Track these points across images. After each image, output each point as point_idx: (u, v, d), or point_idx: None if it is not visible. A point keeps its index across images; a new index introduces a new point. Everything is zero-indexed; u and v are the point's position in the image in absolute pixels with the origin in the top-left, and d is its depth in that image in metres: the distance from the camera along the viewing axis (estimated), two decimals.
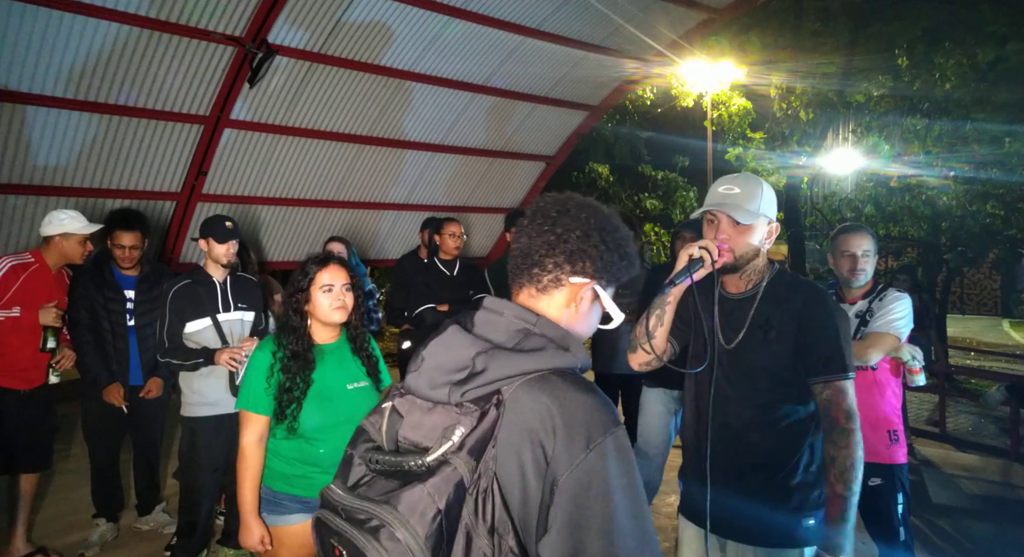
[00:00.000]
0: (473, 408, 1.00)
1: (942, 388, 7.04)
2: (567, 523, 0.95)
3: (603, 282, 1.15)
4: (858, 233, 2.80)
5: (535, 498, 0.97)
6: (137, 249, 3.62)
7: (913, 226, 9.73)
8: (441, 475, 0.95)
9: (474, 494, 0.97)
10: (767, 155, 11.45)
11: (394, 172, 7.33)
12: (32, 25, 4.48)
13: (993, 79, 9.09)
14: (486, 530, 0.96)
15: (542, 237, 1.12)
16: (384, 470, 1.02)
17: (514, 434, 0.98)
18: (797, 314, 1.80)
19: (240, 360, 3.09)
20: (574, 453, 0.96)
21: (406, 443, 1.05)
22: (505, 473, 0.97)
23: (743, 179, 1.86)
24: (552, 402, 0.99)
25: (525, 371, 1.02)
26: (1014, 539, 4.00)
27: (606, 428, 0.99)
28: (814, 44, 11.47)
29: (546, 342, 1.07)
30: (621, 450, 1.00)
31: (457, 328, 1.11)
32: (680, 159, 17.59)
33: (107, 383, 3.57)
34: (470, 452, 0.97)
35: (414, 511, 0.93)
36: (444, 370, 1.05)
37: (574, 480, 0.95)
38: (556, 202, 1.15)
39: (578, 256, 1.11)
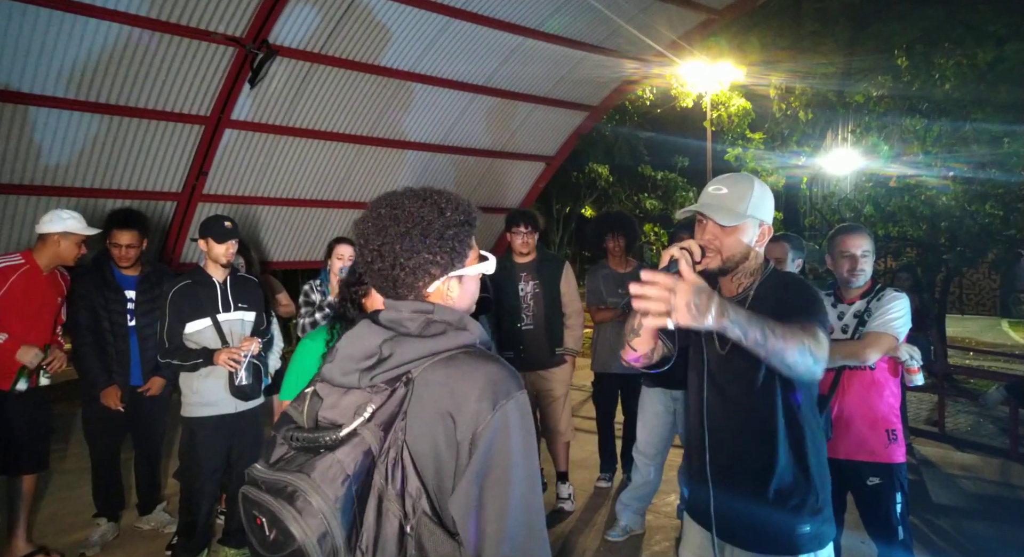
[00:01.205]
0: (384, 387, 1.11)
1: (941, 388, 7.05)
2: (471, 476, 1.05)
3: (456, 267, 1.22)
4: (857, 233, 2.80)
5: (448, 464, 1.07)
6: (134, 248, 3.61)
7: (912, 226, 9.74)
8: (350, 445, 1.06)
9: (384, 462, 1.07)
10: (766, 155, 11.46)
11: (394, 172, 7.33)
12: (32, 25, 4.49)
13: (992, 79, 9.08)
14: (395, 494, 1.06)
15: (381, 273, 1.19)
16: (303, 446, 1.11)
17: (424, 409, 1.08)
18: (774, 304, 1.76)
19: (239, 360, 3.09)
20: (481, 416, 1.06)
21: (325, 422, 1.13)
22: (417, 443, 1.08)
23: (734, 180, 1.83)
24: (459, 375, 1.10)
25: (431, 352, 1.12)
26: (1014, 539, 4.01)
27: (508, 392, 1.09)
28: (813, 44, 11.49)
29: (446, 326, 1.16)
30: (522, 411, 1.11)
31: (367, 321, 1.21)
32: (680, 159, 17.61)
33: (105, 386, 3.57)
34: (378, 425, 1.07)
35: (325, 477, 1.03)
36: (354, 359, 1.14)
37: (480, 439, 1.06)
38: (373, 234, 1.19)
39: (420, 273, 1.18)
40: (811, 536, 1.78)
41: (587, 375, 5.22)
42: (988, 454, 5.87)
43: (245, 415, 3.35)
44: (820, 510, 1.81)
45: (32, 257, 3.44)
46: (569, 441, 4.35)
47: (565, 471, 4.35)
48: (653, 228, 15.98)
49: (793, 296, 1.79)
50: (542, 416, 4.37)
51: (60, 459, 5.20)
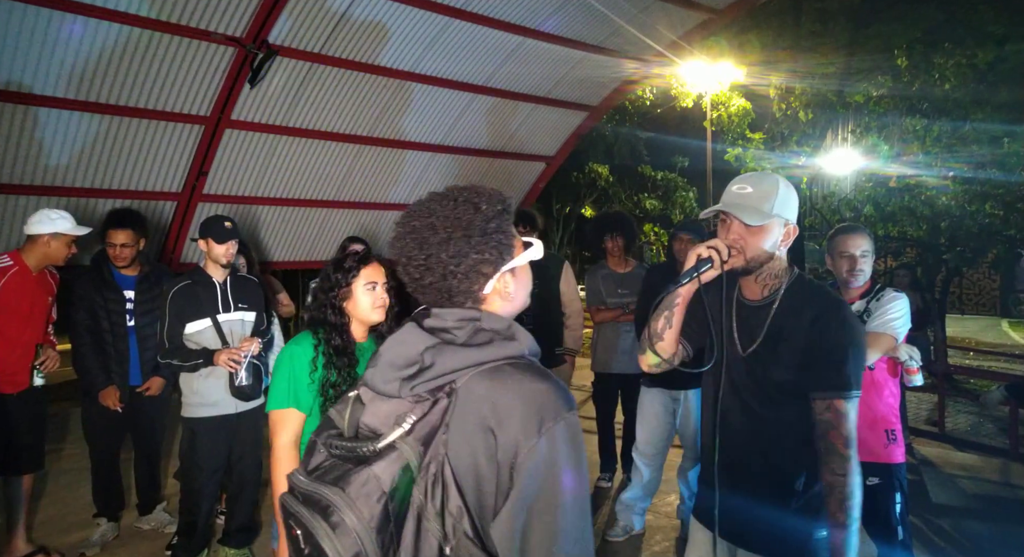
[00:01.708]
0: (426, 397, 1.04)
1: (941, 388, 7.05)
2: (515, 505, 0.98)
3: (507, 260, 1.15)
4: (856, 234, 2.80)
5: (489, 483, 1.00)
6: (129, 247, 3.60)
7: (912, 226, 9.74)
8: (387, 459, 0.99)
9: (424, 479, 1.00)
10: (766, 155, 11.46)
11: (394, 172, 7.34)
12: (33, 25, 4.49)
13: (992, 79, 9.08)
14: (435, 513, 0.99)
15: (434, 288, 1.12)
16: (341, 455, 1.06)
17: (467, 422, 1.01)
18: (807, 327, 1.72)
19: (239, 361, 3.09)
20: (526, 438, 0.99)
21: (365, 430, 1.09)
22: (458, 459, 1.01)
23: (758, 178, 1.78)
24: (503, 389, 1.02)
25: (475, 363, 1.05)
26: (1014, 539, 4.01)
27: (557, 413, 1.02)
28: (813, 45, 11.48)
29: (493, 335, 1.10)
30: (572, 435, 1.03)
31: (413, 325, 1.14)
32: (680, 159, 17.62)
33: (104, 386, 3.56)
34: (418, 438, 1.01)
35: (360, 493, 0.97)
36: (395, 366, 1.09)
37: (526, 463, 0.98)
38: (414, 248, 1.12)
39: (474, 276, 1.12)
40: (827, 542, 1.73)
41: (587, 375, 5.22)
42: (988, 454, 5.87)
43: (245, 416, 3.34)
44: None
45: (21, 258, 3.39)
46: None
47: None
48: (653, 228, 15.99)
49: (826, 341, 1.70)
50: None
51: (60, 459, 5.20)
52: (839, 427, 1.66)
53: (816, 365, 1.71)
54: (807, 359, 1.71)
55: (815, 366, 1.71)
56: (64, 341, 3.64)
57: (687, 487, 3.91)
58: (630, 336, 4.37)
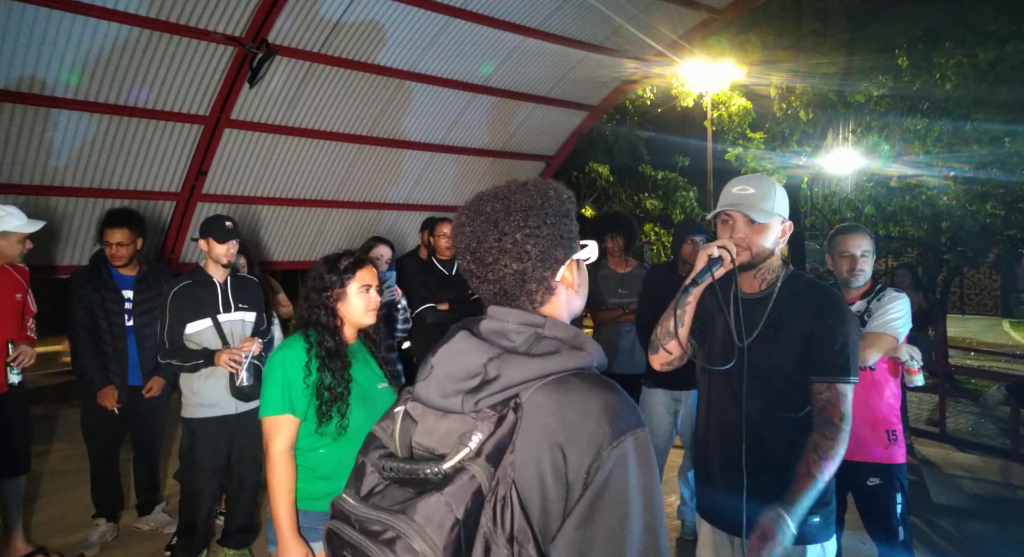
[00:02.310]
0: (490, 413, 0.97)
1: (942, 388, 7.04)
2: (578, 525, 0.92)
3: (574, 249, 1.12)
4: (856, 233, 2.79)
5: (556, 504, 0.94)
6: (125, 246, 3.57)
7: (913, 226, 9.74)
8: (458, 483, 0.92)
9: (492, 502, 0.93)
10: (767, 155, 11.45)
11: (394, 172, 7.33)
12: (32, 25, 4.49)
13: (993, 79, 9.06)
14: (505, 539, 0.92)
15: (506, 271, 1.07)
16: (399, 478, 0.99)
17: (533, 439, 0.95)
18: (810, 318, 1.83)
19: (240, 361, 3.08)
20: (594, 454, 0.93)
21: (420, 449, 1.01)
22: (524, 479, 0.94)
23: (756, 180, 1.88)
24: (572, 403, 0.96)
25: (542, 374, 0.98)
26: (1014, 539, 4.00)
27: (627, 428, 0.96)
28: (814, 44, 11.46)
29: (558, 344, 1.03)
30: (642, 451, 0.96)
31: (467, 334, 1.06)
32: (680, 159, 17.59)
33: (102, 386, 3.54)
34: (488, 458, 0.93)
35: (431, 521, 0.90)
36: (455, 378, 1.01)
37: (594, 481, 0.93)
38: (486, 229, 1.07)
39: (548, 260, 1.08)
40: (820, 526, 1.84)
41: None
42: (989, 454, 5.86)
43: (245, 416, 3.33)
44: (828, 502, 1.85)
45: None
46: None
47: None
48: (653, 228, 15.96)
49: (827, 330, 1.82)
50: None
51: (60, 459, 5.20)
52: (837, 405, 1.80)
53: (817, 352, 1.82)
54: (807, 346, 1.83)
55: (816, 353, 1.82)
56: (62, 341, 3.62)
57: (687, 487, 3.91)
58: (630, 336, 4.36)
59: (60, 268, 5.58)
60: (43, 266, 5.51)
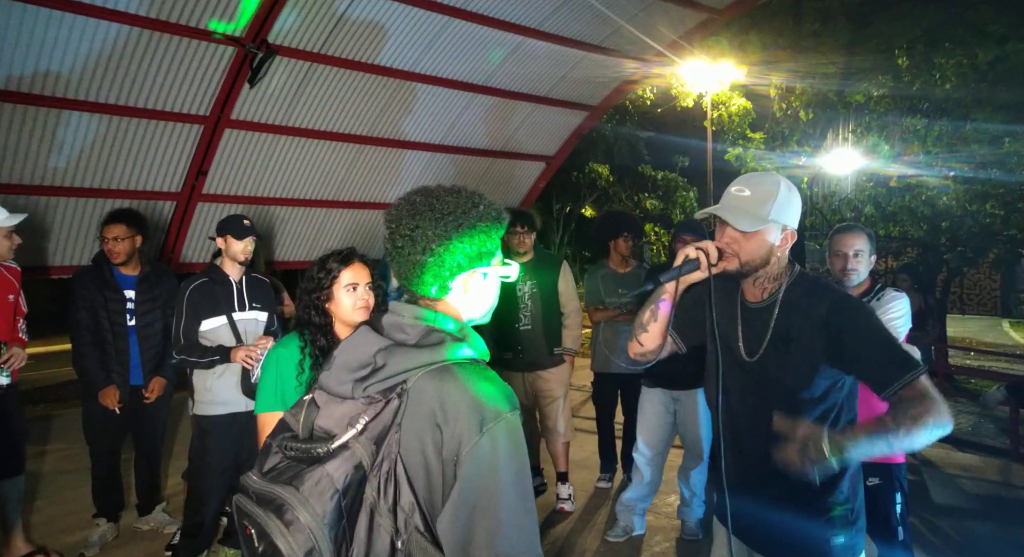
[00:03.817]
0: (378, 398, 1.08)
1: (942, 388, 7.04)
2: (457, 501, 1.02)
3: (482, 263, 1.21)
4: (851, 233, 2.80)
5: (438, 479, 1.05)
6: (122, 240, 3.59)
7: (913, 226, 9.72)
8: (340, 458, 1.04)
9: (377, 475, 1.05)
10: (767, 155, 11.44)
11: (394, 172, 7.33)
12: (32, 25, 4.49)
13: (993, 79, 9.06)
14: (388, 509, 1.04)
15: (409, 259, 1.17)
16: (296, 456, 1.10)
17: (416, 420, 1.06)
18: (823, 324, 1.66)
19: (256, 358, 3.10)
20: (469, 435, 1.03)
21: (319, 431, 1.12)
22: (409, 456, 1.06)
23: (758, 181, 1.73)
24: (449, 389, 1.07)
25: (426, 363, 1.09)
26: (1014, 539, 4.00)
27: (499, 413, 1.06)
28: (814, 44, 11.46)
29: (444, 336, 1.14)
30: (512, 433, 1.06)
31: (366, 328, 1.19)
32: (680, 159, 17.61)
33: (103, 386, 3.55)
34: (370, 437, 1.06)
35: (313, 492, 1.01)
36: (349, 368, 1.13)
37: (467, 461, 1.03)
38: (407, 218, 1.17)
39: (448, 261, 1.17)
40: (845, 547, 1.72)
41: (587, 375, 5.22)
42: (989, 454, 5.86)
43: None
44: (855, 522, 1.75)
45: None
46: (569, 441, 4.35)
47: (565, 471, 4.35)
48: (653, 228, 15.96)
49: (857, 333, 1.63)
50: (541, 416, 4.37)
51: (60, 459, 5.21)
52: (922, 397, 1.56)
53: (870, 362, 1.62)
54: (846, 359, 1.64)
55: (870, 363, 1.62)
56: (64, 341, 3.62)
57: (687, 487, 3.91)
58: (630, 336, 4.37)
59: (60, 268, 5.59)
60: (43, 266, 5.51)
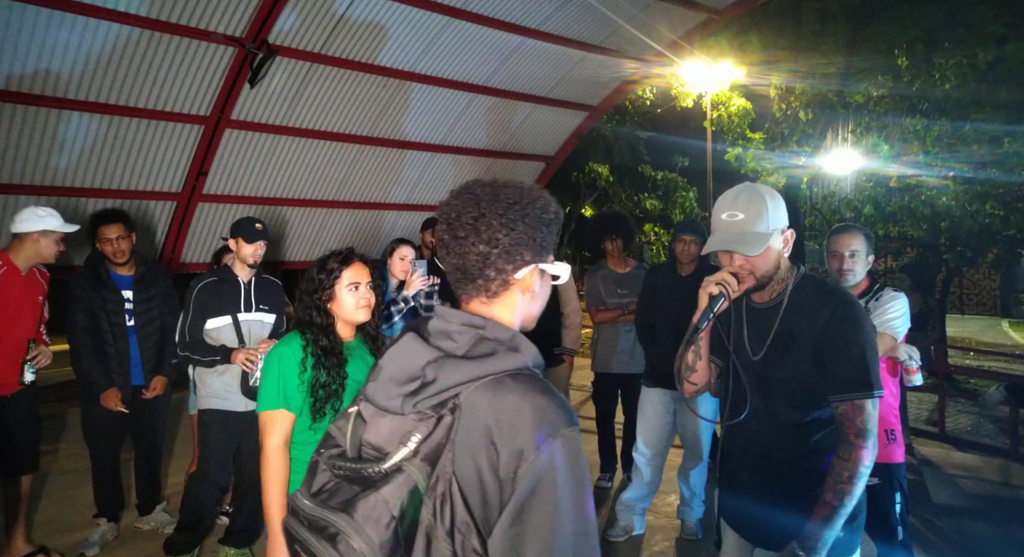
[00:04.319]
0: (430, 414, 1.02)
1: (942, 388, 7.05)
2: (511, 520, 0.96)
3: (544, 258, 1.16)
4: (847, 234, 2.80)
5: (494, 498, 0.98)
6: (123, 239, 3.60)
7: (912, 226, 9.73)
8: (395, 482, 0.98)
9: (432, 498, 0.99)
10: (767, 155, 11.45)
11: (394, 172, 7.34)
12: (32, 25, 4.49)
13: (993, 79, 9.07)
14: (445, 532, 0.98)
15: (472, 250, 1.10)
16: (347, 476, 1.04)
17: (471, 437, 1.00)
18: (821, 328, 1.74)
19: (255, 361, 3.11)
20: (526, 452, 0.97)
21: (368, 448, 1.06)
22: (464, 475, 0.99)
23: (746, 199, 1.76)
24: (506, 404, 1.00)
25: (478, 376, 1.02)
26: (1014, 539, 4.00)
27: (556, 429, 1.00)
28: (814, 44, 11.47)
29: (496, 346, 1.07)
30: (571, 451, 1.00)
31: (413, 336, 1.11)
32: (680, 159, 17.60)
33: (105, 387, 3.55)
34: (424, 458, 0.99)
35: (368, 518, 0.96)
36: (397, 381, 1.06)
37: (524, 479, 0.97)
38: (469, 206, 1.12)
39: (514, 252, 1.11)
40: (841, 542, 1.75)
41: (587, 375, 5.22)
42: (988, 454, 5.87)
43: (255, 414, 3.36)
44: (854, 518, 1.78)
45: (8, 257, 3.34)
46: None
47: None
48: (653, 228, 15.97)
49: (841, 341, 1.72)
50: None
51: (60, 459, 5.20)
52: (854, 418, 1.70)
53: (833, 369, 1.72)
54: (822, 361, 1.73)
55: (832, 370, 1.72)
56: (61, 342, 3.63)
57: (687, 487, 3.91)
58: (630, 336, 4.37)
59: (60, 269, 5.58)
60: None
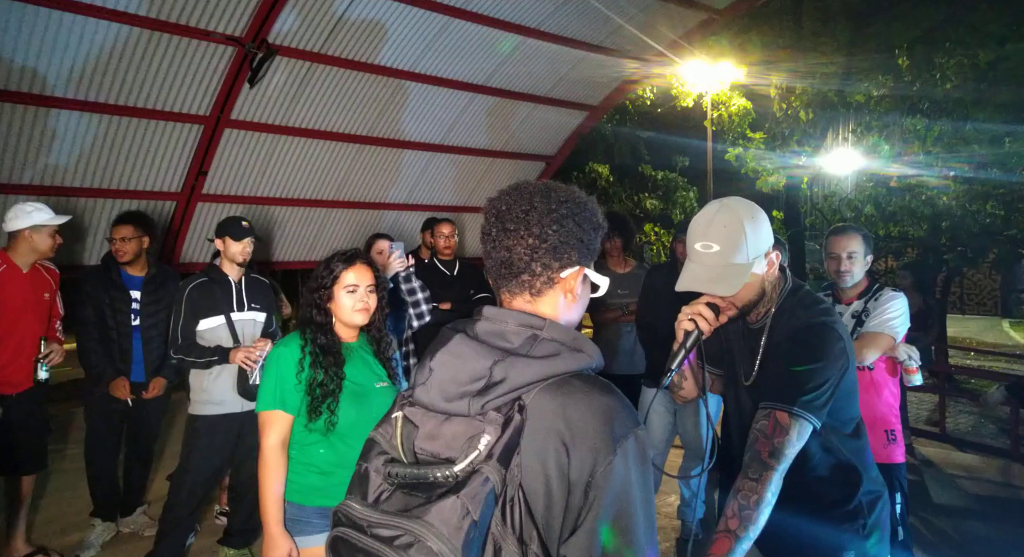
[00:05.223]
0: (496, 416, 0.98)
1: (942, 388, 7.04)
2: (595, 523, 0.95)
3: (588, 262, 1.14)
4: (844, 235, 2.80)
5: (559, 503, 0.96)
6: (129, 241, 3.63)
7: (913, 226, 9.73)
8: (473, 485, 0.93)
9: (502, 503, 0.95)
10: (767, 155, 11.45)
11: (394, 172, 7.33)
12: (32, 25, 4.49)
13: (993, 79, 9.06)
14: (515, 538, 0.94)
15: (521, 243, 1.09)
16: (406, 483, 0.99)
17: (538, 440, 0.97)
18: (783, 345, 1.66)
19: (255, 359, 3.10)
20: (603, 455, 0.96)
21: (424, 454, 1.02)
22: (530, 480, 0.96)
23: (720, 225, 1.59)
24: (575, 406, 0.98)
25: (545, 376, 1.00)
26: (1014, 539, 4.00)
27: (627, 430, 0.99)
28: (814, 44, 11.47)
29: (558, 346, 1.04)
30: (641, 451, 1.01)
31: (464, 337, 1.07)
32: (680, 159, 17.59)
33: (113, 377, 3.58)
34: (499, 460, 0.95)
35: (448, 523, 0.90)
36: (459, 382, 1.02)
37: (604, 481, 0.95)
38: (519, 199, 1.10)
39: (562, 250, 1.09)
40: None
41: None
42: (989, 454, 5.86)
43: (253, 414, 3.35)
44: (868, 536, 1.70)
45: (8, 257, 3.35)
46: None
47: None
48: (653, 228, 15.96)
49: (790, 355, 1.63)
50: None
51: (60, 459, 5.19)
52: (771, 437, 1.55)
53: (771, 377, 1.65)
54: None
55: (770, 378, 1.65)
56: (70, 339, 3.64)
57: (687, 487, 3.91)
58: (631, 337, 4.37)
59: (61, 268, 5.58)
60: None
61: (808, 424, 1.56)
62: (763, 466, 1.53)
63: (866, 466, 1.76)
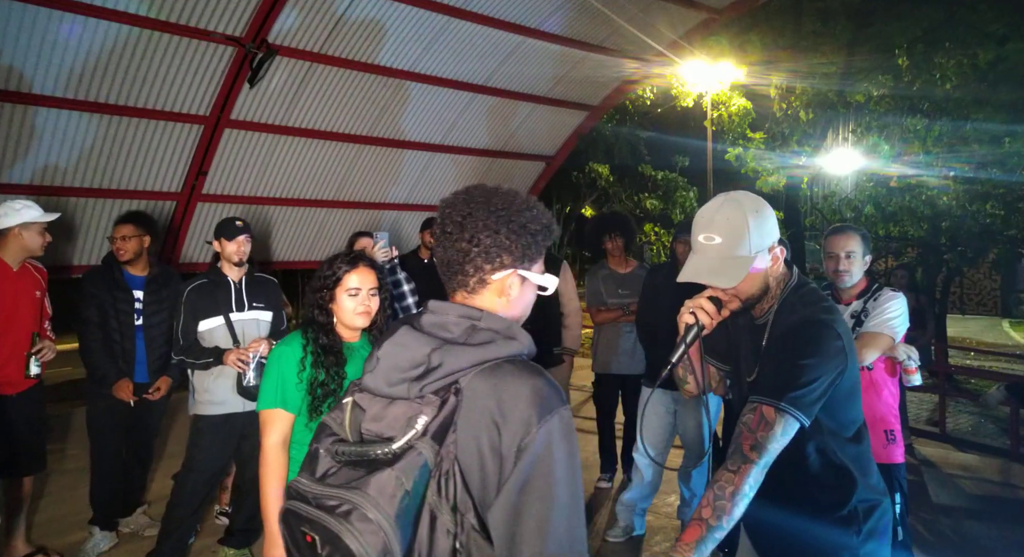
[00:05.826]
0: (433, 398, 1.08)
1: (942, 388, 7.04)
2: (511, 492, 1.04)
3: (524, 265, 1.21)
4: (842, 235, 2.80)
5: (492, 476, 1.06)
6: (129, 240, 3.62)
7: (913, 226, 9.72)
8: (407, 459, 1.04)
9: (437, 476, 1.06)
10: (767, 155, 11.44)
11: (394, 172, 7.33)
12: (32, 25, 4.49)
13: (993, 79, 9.06)
14: (448, 508, 1.06)
15: (455, 246, 1.18)
16: (350, 460, 1.09)
17: (472, 419, 1.07)
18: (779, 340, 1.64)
19: (247, 361, 3.10)
20: (527, 430, 1.05)
21: (369, 435, 1.12)
22: (465, 455, 1.06)
23: (724, 219, 1.60)
24: (504, 387, 1.08)
25: (479, 362, 1.10)
26: (1014, 539, 4.00)
27: (552, 407, 1.08)
28: (814, 44, 11.48)
29: (493, 335, 1.14)
30: (566, 428, 1.09)
31: (409, 328, 1.18)
32: (680, 159, 17.60)
33: (116, 378, 3.57)
34: (433, 437, 1.06)
35: (383, 493, 1.01)
36: (400, 368, 1.12)
37: (524, 452, 1.04)
38: (460, 205, 1.19)
39: (493, 254, 1.18)
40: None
41: (587, 375, 5.22)
42: (989, 454, 5.86)
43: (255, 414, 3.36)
44: (863, 543, 1.68)
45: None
46: None
47: None
48: (653, 228, 15.96)
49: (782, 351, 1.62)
50: None
51: (60, 459, 5.20)
52: (755, 431, 1.53)
53: (763, 372, 1.64)
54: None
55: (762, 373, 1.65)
56: (71, 340, 3.62)
57: (687, 487, 3.91)
58: (631, 337, 4.37)
59: (60, 268, 5.59)
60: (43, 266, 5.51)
61: (794, 420, 1.53)
62: (743, 459, 1.52)
63: (864, 472, 1.71)
